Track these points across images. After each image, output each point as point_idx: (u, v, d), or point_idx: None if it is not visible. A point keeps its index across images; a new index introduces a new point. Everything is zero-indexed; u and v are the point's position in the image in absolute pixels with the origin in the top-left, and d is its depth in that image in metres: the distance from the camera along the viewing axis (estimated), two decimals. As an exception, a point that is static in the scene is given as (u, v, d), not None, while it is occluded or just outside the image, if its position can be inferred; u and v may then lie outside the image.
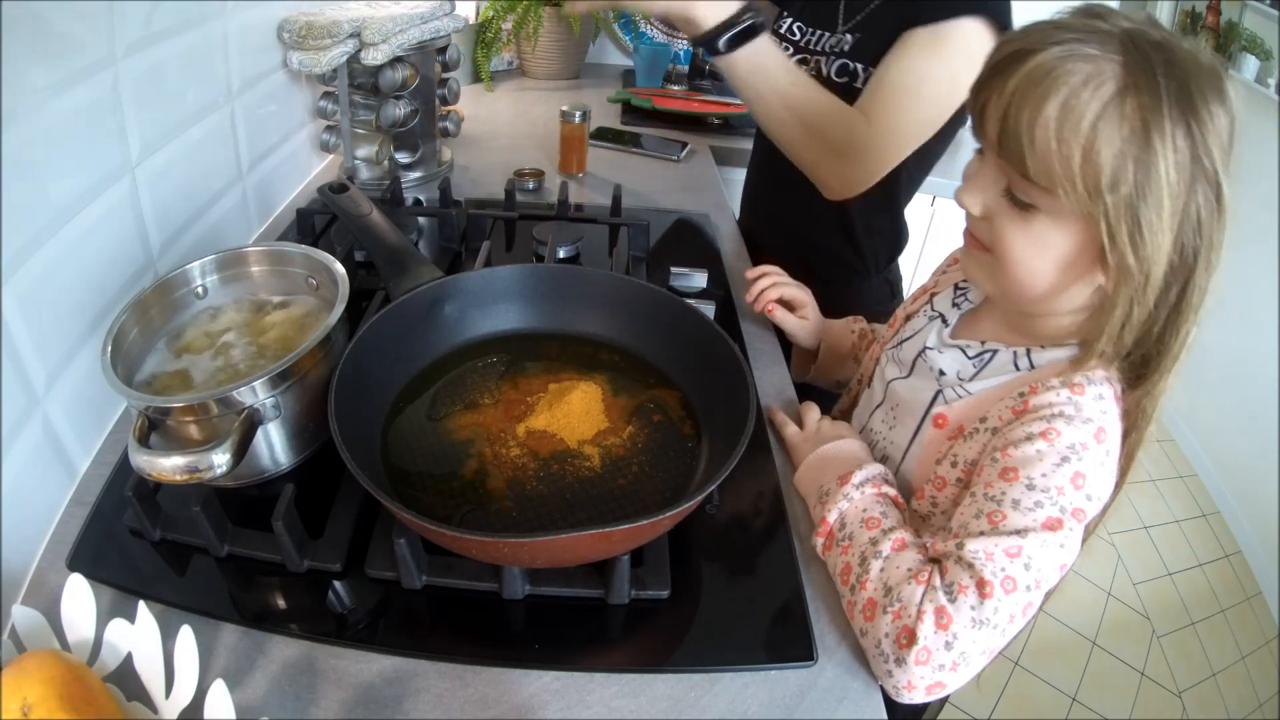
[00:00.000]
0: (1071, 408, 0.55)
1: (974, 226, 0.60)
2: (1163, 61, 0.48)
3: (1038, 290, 0.57)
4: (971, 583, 0.51)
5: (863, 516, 0.60)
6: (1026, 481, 0.54)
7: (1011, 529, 0.53)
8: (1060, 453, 0.54)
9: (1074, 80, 0.49)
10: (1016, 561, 0.52)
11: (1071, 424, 0.55)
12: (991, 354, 0.64)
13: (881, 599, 0.54)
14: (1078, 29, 0.51)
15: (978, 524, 0.54)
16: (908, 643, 0.51)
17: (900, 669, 0.51)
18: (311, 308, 0.71)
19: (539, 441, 0.64)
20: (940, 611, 0.51)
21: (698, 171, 1.41)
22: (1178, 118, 0.48)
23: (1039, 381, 0.58)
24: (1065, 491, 0.53)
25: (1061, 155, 0.49)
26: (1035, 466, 0.54)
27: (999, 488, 0.55)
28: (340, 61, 1.04)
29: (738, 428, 0.57)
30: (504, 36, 1.73)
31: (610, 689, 0.52)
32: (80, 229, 0.63)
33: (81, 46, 0.62)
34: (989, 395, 0.62)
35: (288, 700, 0.50)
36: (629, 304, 0.75)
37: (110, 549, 0.58)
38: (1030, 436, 0.55)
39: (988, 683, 1.64)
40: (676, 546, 0.61)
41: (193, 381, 0.62)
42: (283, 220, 1.06)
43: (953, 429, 0.64)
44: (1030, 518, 0.53)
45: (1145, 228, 0.49)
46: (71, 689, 0.42)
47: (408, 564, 0.55)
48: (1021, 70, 0.50)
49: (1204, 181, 0.50)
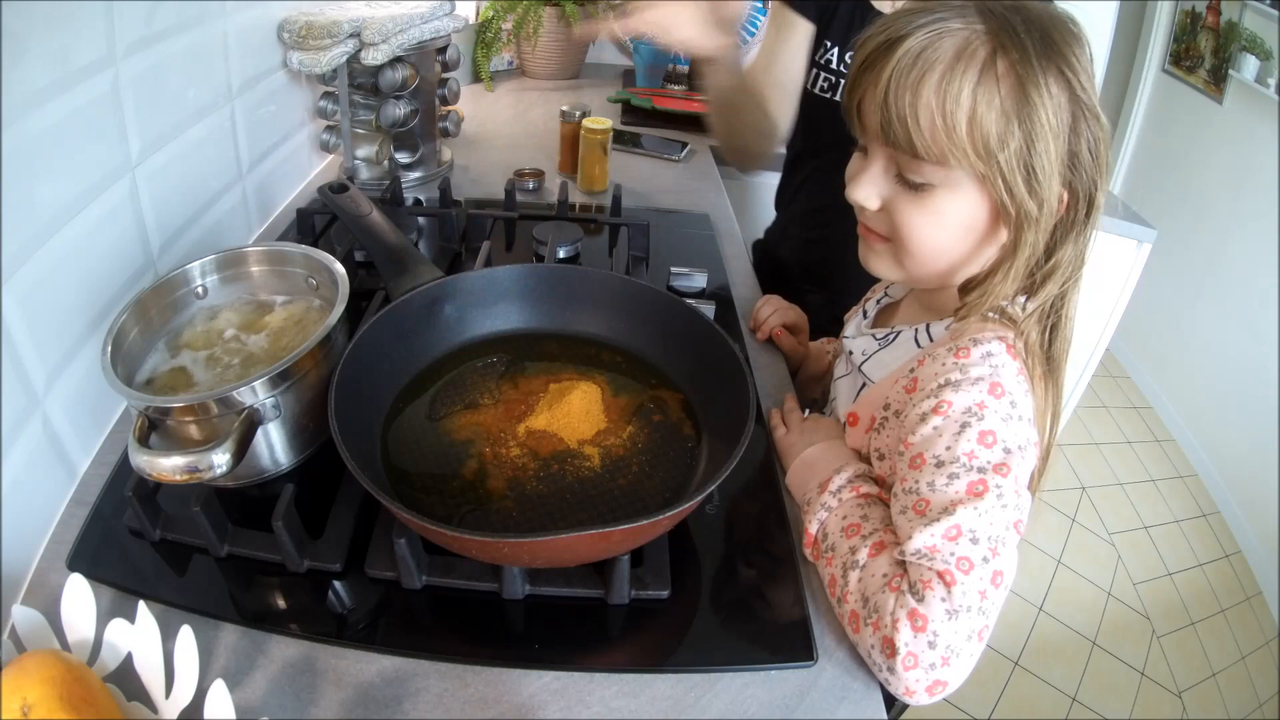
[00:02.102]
0: (957, 372, 0.55)
1: (871, 221, 0.61)
2: (1020, 20, 0.51)
3: (947, 262, 0.59)
4: (933, 576, 0.50)
5: (843, 525, 0.59)
6: (934, 461, 0.53)
7: (939, 511, 0.51)
8: (958, 420, 0.53)
9: (946, 55, 0.51)
10: (961, 540, 0.50)
11: (960, 389, 0.54)
12: (895, 334, 0.66)
13: (861, 610, 0.54)
14: (936, 8, 0.53)
15: (906, 520, 0.53)
16: (891, 652, 0.50)
17: (894, 677, 0.51)
18: (311, 308, 0.71)
19: (539, 441, 0.64)
20: (913, 615, 0.50)
21: (698, 171, 1.41)
22: (1048, 66, 0.50)
23: (927, 354, 0.59)
24: (976, 454, 0.52)
25: (948, 128, 0.51)
26: (937, 443, 0.53)
27: (912, 477, 0.54)
28: (340, 61, 1.04)
29: (738, 428, 0.57)
30: (504, 36, 1.73)
31: (610, 689, 0.52)
32: (80, 229, 0.63)
33: (81, 46, 0.62)
34: (887, 380, 0.63)
35: (288, 700, 0.50)
36: (629, 304, 0.75)
37: (110, 549, 0.59)
38: (924, 416, 0.55)
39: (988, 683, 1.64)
40: (676, 546, 0.61)
41: (193, 381, 0.62)
42: (283, 220, 1.06)
43: (865, 423, 0.65)
44: (951, 492, 0.52)
45: (1039, 173, 0.52)
46: (71, 689, 0.42)
47: (408, 564, 0.55)
48: (892, 59, 0.52)
49: (1086, 116, 0.52)
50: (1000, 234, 0.56)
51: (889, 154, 0.56)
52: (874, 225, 0.61)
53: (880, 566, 0.54)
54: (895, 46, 0.52)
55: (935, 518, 0.51)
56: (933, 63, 0.51)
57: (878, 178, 0.58)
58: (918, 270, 0.60)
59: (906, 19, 0.53)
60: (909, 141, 0.52)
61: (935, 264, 0.59)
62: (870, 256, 0.63)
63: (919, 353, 0.61)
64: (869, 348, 0.68)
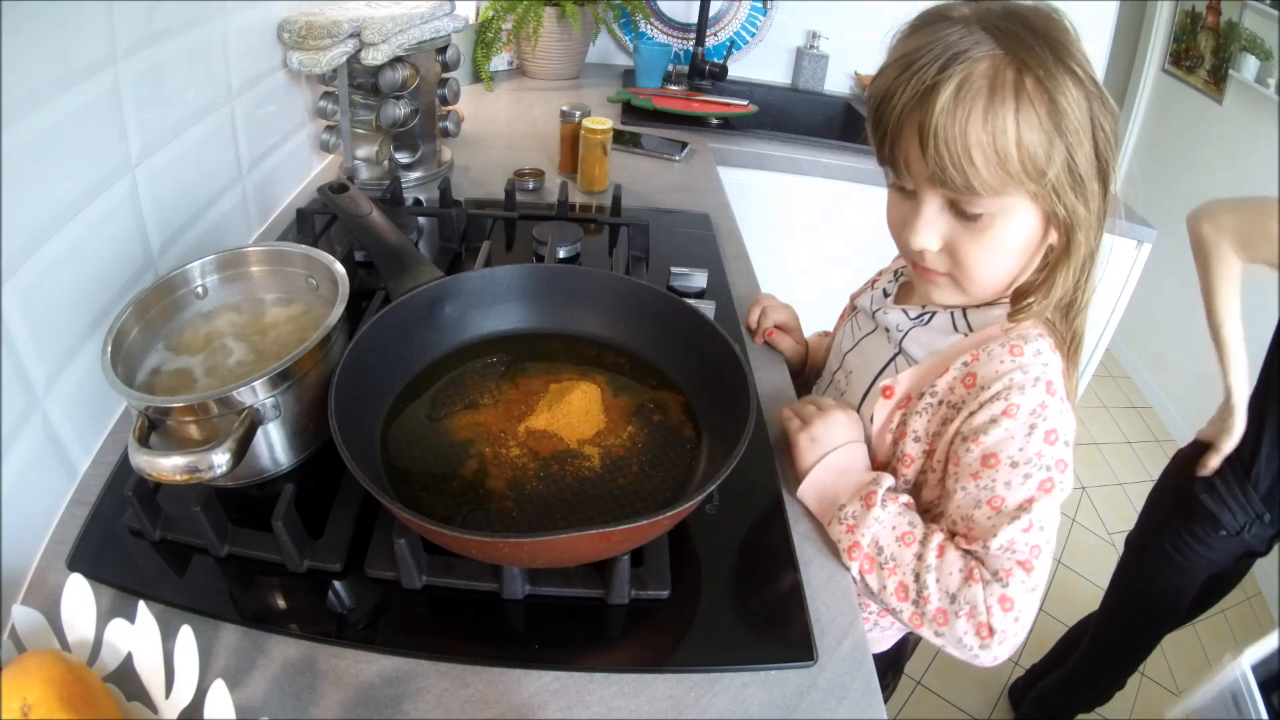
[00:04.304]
0: (1018, 372, 0.59)
1: (931, 261, 0.61)
2: (1026, 30, 0.52)
3: (1008, 280, 0.61)
4: (1014, 565, 0.57)
5: (896, 536, 0.61)
6: (1009, 462, 0.58)
7: (1015, 507, 0.57)
8: (1026, 423, 0.58)
9: (982, 89, 0.51)
10: (1034, 531, 0.57)
11: (1024, 391, 0.58)
12: (930, 315, 0.68)
13: (949, 606, 0.58)
14: (941, 38, 0.53)
15: (984, 516, 0.59)
16: (988, 634, 0.57)
17: (985, 653, 0.57)
18: (311, 308, 0.71)
19: (539, 441, 0.64)
20: (1003, 599, 0.57)
21: (698, 171, 1.41)
22: (1064, 70, 0.51)
23: (979, 348, 0.62)
24: (1044, 453, 0.58)
25: (1001, 160, 0.52)
26: (1010, 445, 0.58)
27: (987, 476, 0.59)
28: (340, 61, 1.04)
29: (738, 428, 0.57)
30: (504, 36, 1.73)
31: (610, 689, 0.52)
32: (80, 229, 0.63)
33: (81, 46, 0.62)
34: (933, 365, 0.65)
35: (288, 700, 0.50)
36: (629, 304, 0.75)
37: (110, 549, 0.58)
38: (995, 419, 0.59)
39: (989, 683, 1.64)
40: (676, 546, 0.61)
41: (193, 381, 0.62)
42: (283, 220, 1.06)
43: (899, 399, 0.67)
44: (1026, 490, 0.57)
45: (1083, 176, 0.54)
46: (71, 689, 0.42)
47: (408, 564, 0.55)
48: (932, 108, 0.52)
49: (1095, 101, 0.53)
50: (1049, 238, 0.58)
51: (941, 193, 0.56)
52: (935, 265, 0.61)
53: (952, 564, 0.59)
54: (931, 96, 0.52)
55: (1014, 515, 0.57)
56: (973, 101, 0.51)
57: (935, 219, 0.58)
58: (981, 293, 0.62)
59: (923, 62, 0.52)
60: (967, 183, 0.53)
61: (998, 284, 0.61)
62: (932, 291, 0.64)
63: (966, 344, 0.64)
64: (902, 323, 0.70)
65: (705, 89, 1.86)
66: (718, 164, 1.48)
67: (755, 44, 2.02)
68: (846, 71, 2.03)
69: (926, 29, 0.55)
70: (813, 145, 1.65)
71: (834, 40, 1.96)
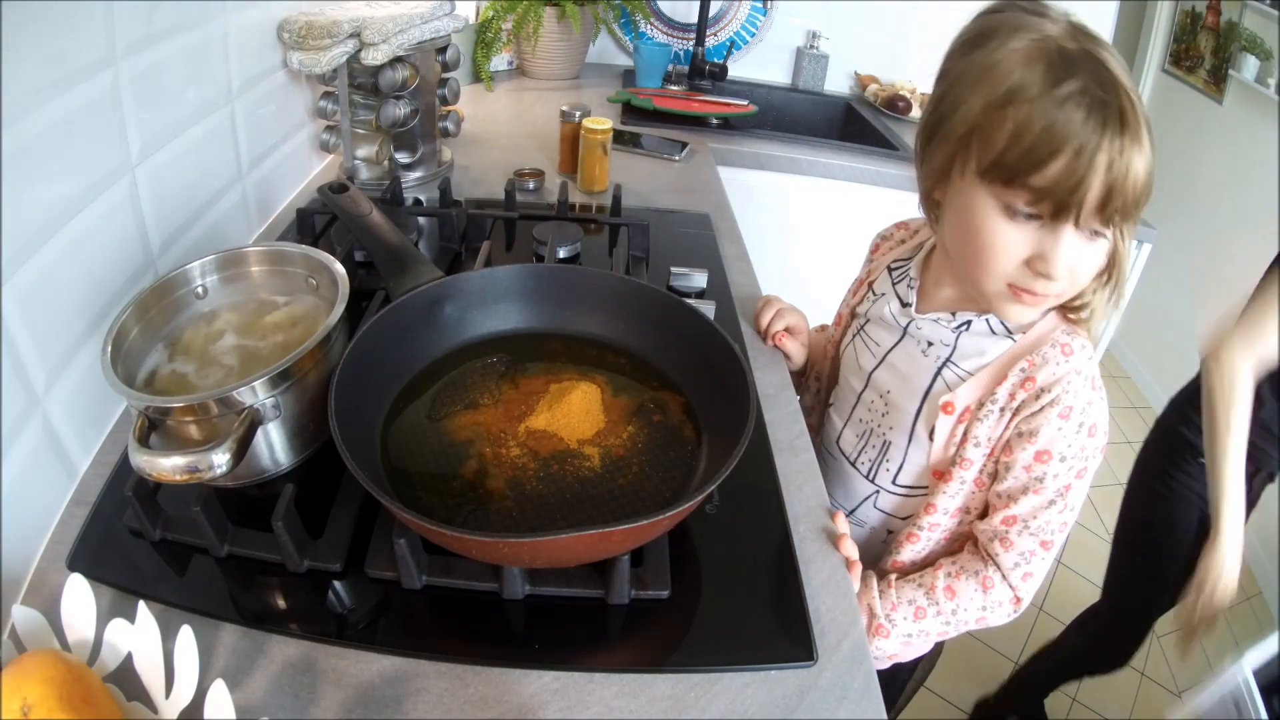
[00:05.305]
0: (1073, 374, 0.64)
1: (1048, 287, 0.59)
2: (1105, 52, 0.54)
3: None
4: (1036, 545, 0.67)
5: (910, 613, 0.70)
6: (1059, 456, 0.65)
7: (1055, 493, 0.66)
8: (1077, 421, 0.64)
9: (1136, 125, 0.52)
10: (1066, 511, 0.67)
11: (1077, 392, 0.64)
12: (966, 323, 0.69)
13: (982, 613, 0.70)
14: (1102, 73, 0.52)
15: (1027, 500, 0.66)
16: (1016, 603, 0.70)
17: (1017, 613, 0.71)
18: (311, 308, 0.71)
19: (539, 441, 0.64)
20: (1025, 576, 0.69)
21: (698, 171, 1.41)
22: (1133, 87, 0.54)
23: (1033, 353, 0.65)
24: (1086, 446, 0.65)
25: (1149, 184, 0.54)
26: (1061, 441, 0.64)
27: (1039, 469, 0.65)
28: (340, 61, 1.04)
29: (738, 428, 0.57)
30: (504, 36, 1.73)
31: (610, 689, 0.52)
32: (80, 229, 0.63)
33: (81, 46, 0.62)
34: (991, 374, 0.67)
35: (288, 700, 0.50)
36: (629, 304, 0.75)
37: (110, 549, 0.58)
38: (1051, 420, 0.64)
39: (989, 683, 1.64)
40: (676, 546, 0.61)
41: (192, 381, 0.62)
42: (283, 220, 1.06)
43: (959, 412, 0.69)
44: (1067, 478, 0.65)
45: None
46: (71, 689, 0.42)
47: (408, 564, 0.55)
48: (1123, 136, 0.52)
49: None
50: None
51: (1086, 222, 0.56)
52: (1050, 290, 0.59)
53: (964, 591, 0.70)
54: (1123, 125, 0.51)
55: (1053, 500, 0.66)
56: (1136, 139, 0.52)
57: (1081, 248, 0.57)
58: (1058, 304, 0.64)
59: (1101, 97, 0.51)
60: (1126, 212, 0.54)
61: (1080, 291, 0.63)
62: (1023, 311, 0.63)
63: (1018, 349, 0.66)
64: (944, 335, 0.70)
65: (705, 89, 1.86)
66: (718, 164, 1.48)
67: (755, 44, 2.02)
68: (846, 71, 2.03)
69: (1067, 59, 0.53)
70: (813, 145, 1.65)
71: (834, 40, 1.96)
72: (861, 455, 0.80)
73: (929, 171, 0.64)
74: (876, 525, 0.81)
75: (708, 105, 1.68)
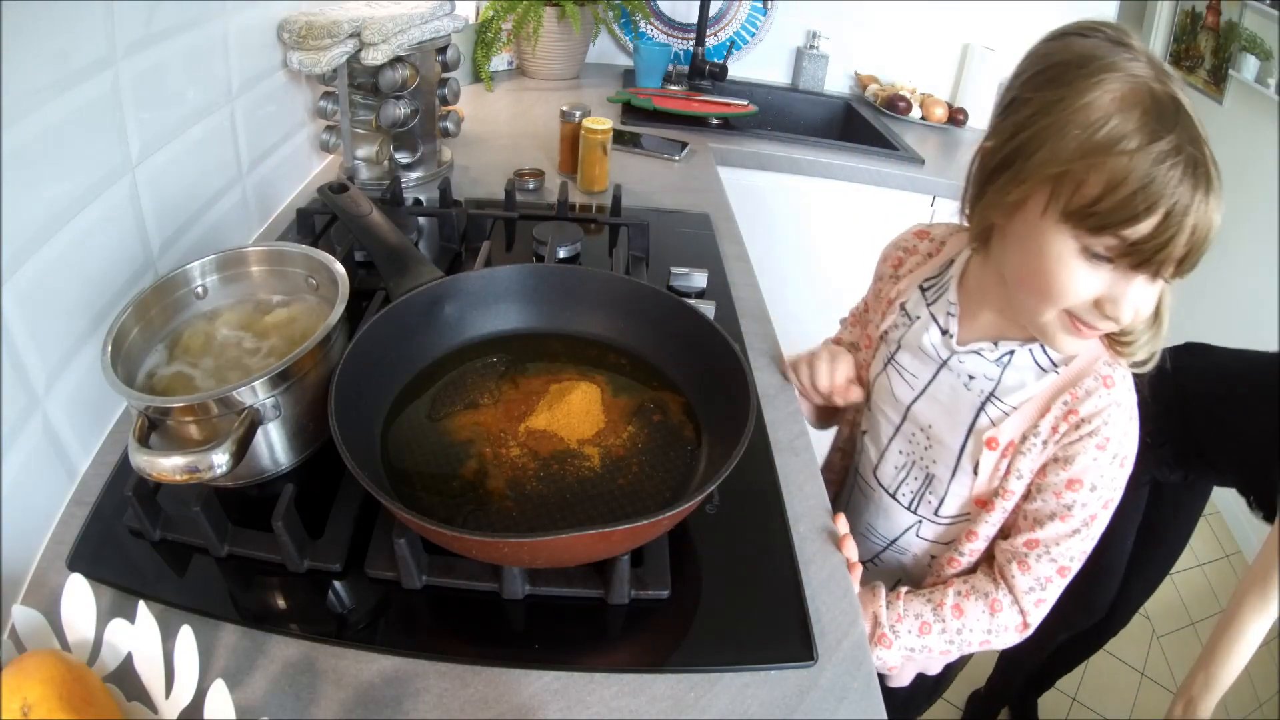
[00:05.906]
0: (1114, 407, 0.65)
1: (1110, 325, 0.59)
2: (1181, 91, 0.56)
3: None
4: (1053, 571, 0.68)
5: (915, 626, 0.70)
6: (1090, 485, 0.66)
7: (1080, 523, 0.67)
8: (1112, 453, 0.65)
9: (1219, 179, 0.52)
10: (1086, 540, 0.67)
11: (1117, 424, 0.65)
12: (1009, 354, 0.68)
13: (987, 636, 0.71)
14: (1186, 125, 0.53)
15: (1054, 525, 0.67)
16: (1024, 628, 0.70)
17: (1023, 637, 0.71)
18: (311, 308, 0.71)
19: (539, 441, 0.64)
20: (1038, 602, 0.69)
21: (698, 171, 1.41)
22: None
23: (1075, 386, 0.65)
24: (1117, 476, 0.66)
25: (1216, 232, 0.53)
26: (1094, 471, 0.65)
27: (1068, 496, 0.66)
28: (340, 61, 1.04)
29: (738, 428, 0.57)
30: (504, 36, 1.73)
31: (610, 689, 0.52)
32: (80, 229, 0.63)
33: (81, 46, 0.62)
34: (1035, 408, 0.67)
35: (288, 700, 0.50)
36: (629, 304, 0.75)
37: (110, 549, 0.58)
38: (1088, 450, 0.65)
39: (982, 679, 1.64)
40: (676, 546, 0.61)
41: (193, 382, 0.62)
42: (283, 220, 1.06)
43: (1003, 447, 0.69)
44: (1094, 508, 0.66)
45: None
46: (71, 689, 0.42)
47: (408, 564, 0.55)
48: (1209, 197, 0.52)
49: None
50: None
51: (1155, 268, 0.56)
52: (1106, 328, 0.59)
53: (972, 612, 0.70)
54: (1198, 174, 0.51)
55: (1077, 529, 0.67)
56: (1218, 197, 0.52)
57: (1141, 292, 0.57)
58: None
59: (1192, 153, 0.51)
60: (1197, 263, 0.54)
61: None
62: (1078, 344, 0.63)
63: (1062, 382, 0.66)
64: (989, 371, 0.69)
65: (705, 89, 1.86)
66: (718, 164, 1.48)
67: (755, 44, 2.02)
68: (846, 71, 2.03)
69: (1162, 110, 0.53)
70: (813, 145, 1.65)
71: (834, 40, 1.96)
72: (902, 487, 0.79)
73: (997, 201, 0.60)
74: (919, 553, 0.81)
75: (708, 105, 1.68)
